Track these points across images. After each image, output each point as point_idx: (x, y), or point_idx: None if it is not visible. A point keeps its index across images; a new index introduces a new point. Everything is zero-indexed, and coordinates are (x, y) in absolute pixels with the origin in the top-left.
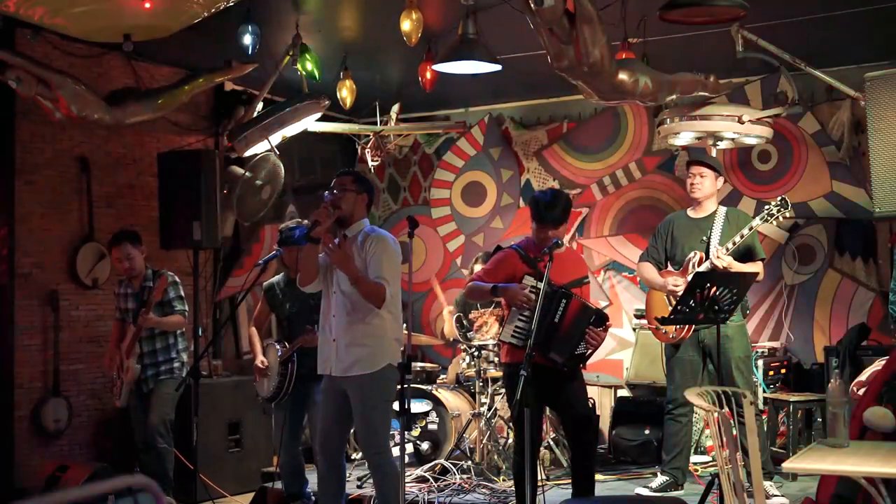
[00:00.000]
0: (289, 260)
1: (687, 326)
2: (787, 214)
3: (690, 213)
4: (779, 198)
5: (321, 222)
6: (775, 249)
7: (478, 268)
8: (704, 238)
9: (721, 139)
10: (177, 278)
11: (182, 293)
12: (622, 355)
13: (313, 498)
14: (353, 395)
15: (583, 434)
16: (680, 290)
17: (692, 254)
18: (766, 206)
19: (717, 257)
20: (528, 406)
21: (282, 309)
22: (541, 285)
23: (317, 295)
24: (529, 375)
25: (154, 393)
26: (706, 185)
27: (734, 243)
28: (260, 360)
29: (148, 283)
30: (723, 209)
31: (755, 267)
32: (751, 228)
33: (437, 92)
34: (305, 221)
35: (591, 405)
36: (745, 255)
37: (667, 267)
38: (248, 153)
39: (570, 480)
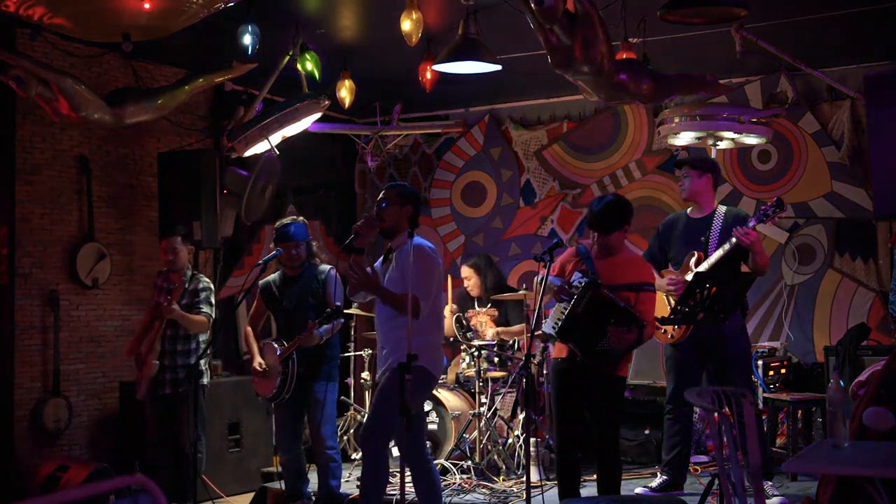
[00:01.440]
0: (286, 257)
1: (685, 326)
2: (782, 215)
3: (690, 213)
4: (775, 198)
5: (362, 234)
6: (775, 249)
7: (465, 272)
8: (703, 238)
9: (721, 139)
10: (211, 285)
11: (213, 300)
12: None
13: (313, 498)
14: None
15: (606, 434)
16: (675, 290)
17: (690, 254)
18: (762, 207)
19: (745, 233)
20: (528, 406)
21: (279, 307)
22: (610, 295)
23: (316, 293)
24: (531, 376)
25: (184, 405)
26: (688, 185)
27: (731, 243)
28: (257, 361)
29: (185, 282)
30: (722, 208)
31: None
32: (747, 228)
33: (437, 92)
34: (301, 219)
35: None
36: (743, 254)
37: (667, 267)
38: (248, 153)
39: None
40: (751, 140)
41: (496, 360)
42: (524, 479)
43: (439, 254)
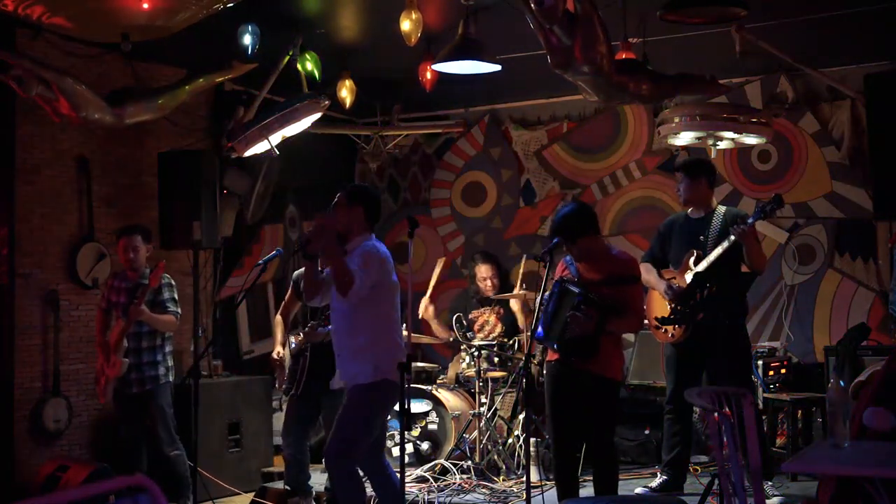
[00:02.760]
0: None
1: (685, 326)
2: (781, 212)
3: (690, 213)
4: (773, 194)
5: (313, 240)
6: (775, 249)
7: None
8: (702, 237)
9: (721, 139)
10: (172, 281)
11: (176, 296)
12: None
13: (314, 492)
14: (347, 400)
15: (602, 435)
16: (670, 297)
17: (689, 252)
18: (760, 203)
19: (742, 230)
20: (529, 406)
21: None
22: (570, 286)
23: None
24: (531, 376)
25: (151, 405)
26: (683, 189)
27: (729, 240)
28: (276, 351)
29: (144, 280)
30: (721, 208)
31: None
32: (745, 225)
33: (437, 92)
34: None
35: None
36: (741, 253)
37: (668, 267)
38: (248, 153)
39: None
40: (751, 140)
41: (496, 360)
42: (524, 479)
43: (392, 258)
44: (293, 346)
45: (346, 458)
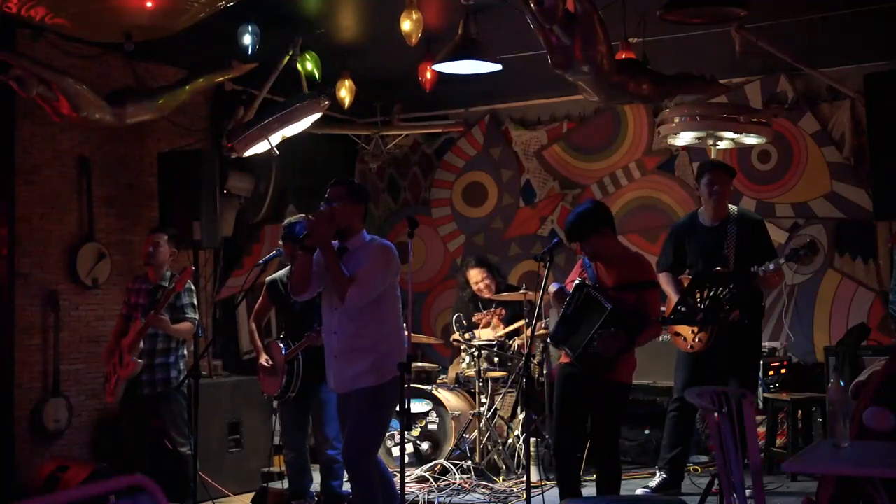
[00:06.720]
0: (290, 256)
1: (707, 337)
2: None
3: (703, 220)
4: (808, 240)
5: (317, 232)
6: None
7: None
8: (726, 250)
9: (721, 139)
10: (193, 286)
11: (195, 302)
12: None
13: (316, 498)
14: (357, 403)
15: (606, 438)
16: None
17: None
18: (793, 247)
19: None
20: (529, 406)
21: (286, 305)
22: (599, 296)
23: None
24: (531, 376)
25: (162, 408)
26: (716, 190)
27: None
28: (264, 358)
29: (164, 283)
30: (734, 210)
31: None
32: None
33: (437, 92)
34: (310, 217)
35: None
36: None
37: (685, 273)
38: (248, 153)
39: None
40: (751, 140)
41: (496, 360)
42: (524, 479)
43: (397, 254)
44: (284, 351)
45: (367, 459)
